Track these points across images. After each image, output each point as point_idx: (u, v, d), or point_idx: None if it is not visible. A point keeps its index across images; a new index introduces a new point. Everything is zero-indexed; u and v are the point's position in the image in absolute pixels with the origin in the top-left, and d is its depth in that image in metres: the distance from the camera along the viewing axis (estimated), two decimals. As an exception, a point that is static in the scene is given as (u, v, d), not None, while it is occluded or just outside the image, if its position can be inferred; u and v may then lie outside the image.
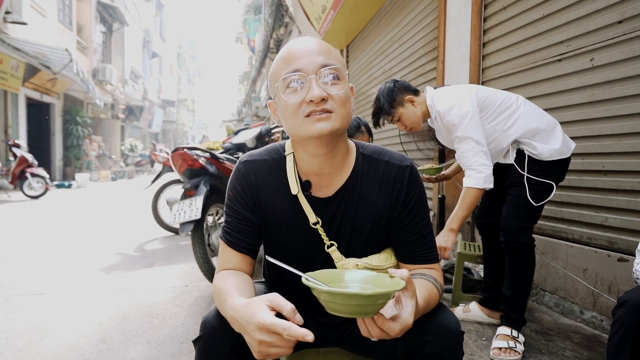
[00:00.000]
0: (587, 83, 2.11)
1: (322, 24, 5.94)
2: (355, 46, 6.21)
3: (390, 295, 0.64)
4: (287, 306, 0.68)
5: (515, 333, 1.76)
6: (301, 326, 0.97)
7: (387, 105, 1.94)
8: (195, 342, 0.83)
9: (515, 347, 1.71)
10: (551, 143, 1.73)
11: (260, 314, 0.67)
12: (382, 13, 4.97)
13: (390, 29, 4.70)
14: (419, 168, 2.30)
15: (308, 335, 0.64)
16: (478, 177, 1.70)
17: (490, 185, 1.72)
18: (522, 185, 1.74)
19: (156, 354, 1.82)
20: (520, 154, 1.78)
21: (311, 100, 0.80)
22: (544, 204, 1.76)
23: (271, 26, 11.04)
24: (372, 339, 0.69)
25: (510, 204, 1.79)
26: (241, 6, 23.57)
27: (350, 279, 0.74)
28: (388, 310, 0.69)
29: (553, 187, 1.72)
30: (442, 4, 3.43)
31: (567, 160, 1.76)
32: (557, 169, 1.75)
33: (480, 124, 1.74)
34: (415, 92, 1.96)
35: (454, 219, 1.74)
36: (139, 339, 1.98)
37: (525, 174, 1.73)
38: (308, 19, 6.54)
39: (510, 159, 1.80)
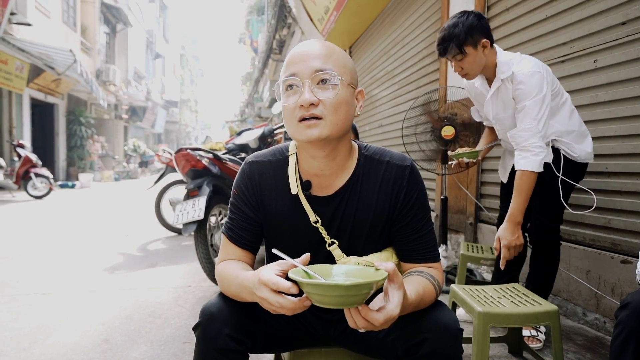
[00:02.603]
0: (590, 84, 2.10)
1: (325, 25, 5.95)
2: (358, 47, 6.22)
3: (371, 286, 0.66)
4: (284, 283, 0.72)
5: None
6: (303, 322, 0.99)
7: (463, 36, 1.71)
8: (194, 328, 0.87)
9: (538, 335, 1.80)
10: (585, 144, 1.74)
11: (262, 271, 0.74)
12: (385, 14, 4.97)
13: (393, 30, 4.70)
14: (453, 153, 2.15)
15: (292, 288, 0.70)
16: (534, 159, 1.60)
17: (541, 169, 1.63)
18: (555, 187, 1.71)
19: (159, 354, 1.83)
20: (556, 153, 1.74)
21: (302, 105, 0.83)
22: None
23: (274, 27, 11.06)
24: (360, 330, 0.71)
25: (542, 205, 1.75)
26: (244, 7, 23.62)
27: (338, 272, 0.77)
28: (377, 302, 0.70)
29: (573, 187, 1.73)
30: (445, 5, 3.43)
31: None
32: (583, 172, 1.78)
33: (549, 107, 1.64)
34: (492, 42, 1.79)
35: (516, 212, 1.63)
36: (142, 339, 1.99)
37: (561, 176, 1.71)
38: (311, 20, 6.55)
39: (548, 158, 1.73)
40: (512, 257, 1.66)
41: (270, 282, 0.71)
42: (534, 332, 1.82)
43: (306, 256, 0.76)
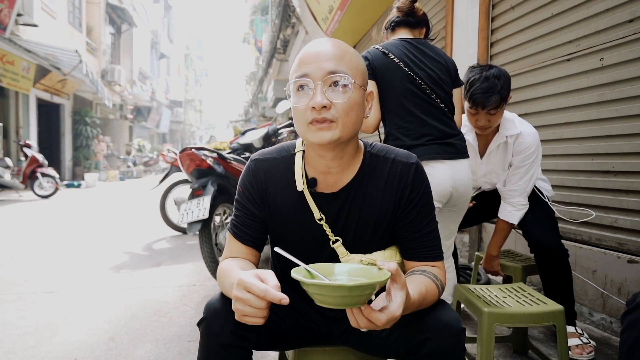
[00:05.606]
0: (596, 83, 2.09)
1: (329, 25, 5.95)
2: (362, 47, 6.21)
3: (374, 286, 0.65)
4: (272, 281, 0.70)
5: (580, 330, 1.78)
6: (306, 319, 0.99)
7: (506, 90, 1.69)
8: (199, 324, 0.87)
9: (589, 342, 1.74)
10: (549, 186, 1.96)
11: (243, 273, 0.71)
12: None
13: (397, 29, 4.69)
14: None
15: (284, 299, 0.67)
16: (517, 214, 1.83)
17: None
18: (545, 203, 1.86)
19: (164, 352, 1.84)
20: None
21: (313, 107, 0.82)
22: None
23: (278, 27, 11.07)
24: (362, 330, 0.70)
25: (544, 222, 1.83)
26: (248, 7, 23.66)
27: (340, 271, 0.76)
28: (380, 302, 0.70)
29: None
30: (449, 3, 3.42)
31: None
32: None
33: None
34: None
35: (496, 249, 1.92)
36: (147, 337, 2.00)
37: (547, 200, 1.88)
38: (315, 19, 6.54)
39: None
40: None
41: (255, 287, 0.68)
42: (584, 339, 1.72)
43: None
